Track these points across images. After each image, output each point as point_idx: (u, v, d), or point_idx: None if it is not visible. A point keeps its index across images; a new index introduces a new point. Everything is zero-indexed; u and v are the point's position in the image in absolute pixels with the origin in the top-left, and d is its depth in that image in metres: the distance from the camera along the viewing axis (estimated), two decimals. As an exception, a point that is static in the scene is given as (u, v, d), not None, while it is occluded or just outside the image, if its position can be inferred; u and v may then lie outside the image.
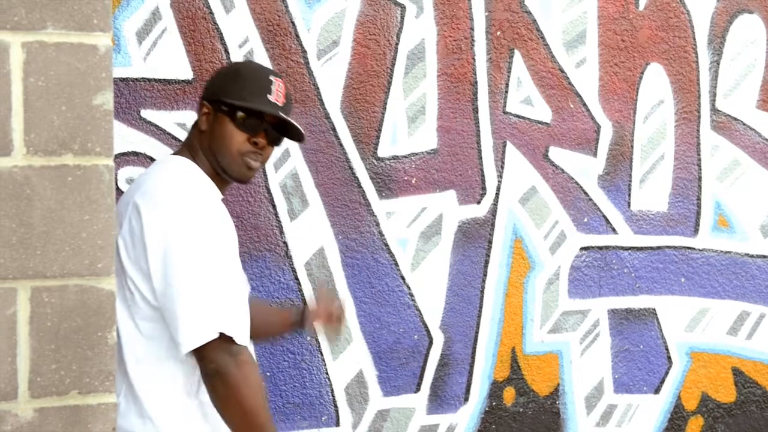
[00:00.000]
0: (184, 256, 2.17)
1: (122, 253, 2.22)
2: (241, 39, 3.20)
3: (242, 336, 2.21)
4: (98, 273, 1.84)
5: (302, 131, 2.47)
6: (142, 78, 3.09)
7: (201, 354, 2.17)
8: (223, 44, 3.17)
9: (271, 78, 2.43)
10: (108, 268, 1.85)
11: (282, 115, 2.40)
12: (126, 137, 3.06)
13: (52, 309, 1.82)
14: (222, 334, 2.16)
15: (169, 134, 3.13)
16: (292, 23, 3.26)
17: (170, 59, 3.10)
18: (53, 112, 1.84)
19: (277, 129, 2.43)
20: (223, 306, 2.19)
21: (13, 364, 1.80)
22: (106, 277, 1.85)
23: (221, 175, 2.39)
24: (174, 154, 2.49)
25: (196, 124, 2.45)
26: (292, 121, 2.43)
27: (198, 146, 2.40)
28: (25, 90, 1.82)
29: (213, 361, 2.15)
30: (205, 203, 2.28)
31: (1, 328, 1.80)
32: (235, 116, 2.36)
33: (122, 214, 2.27)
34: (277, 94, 2.40)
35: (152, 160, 3.10)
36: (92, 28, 1.86)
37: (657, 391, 3.78)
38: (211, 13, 3.15)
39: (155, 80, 3.10)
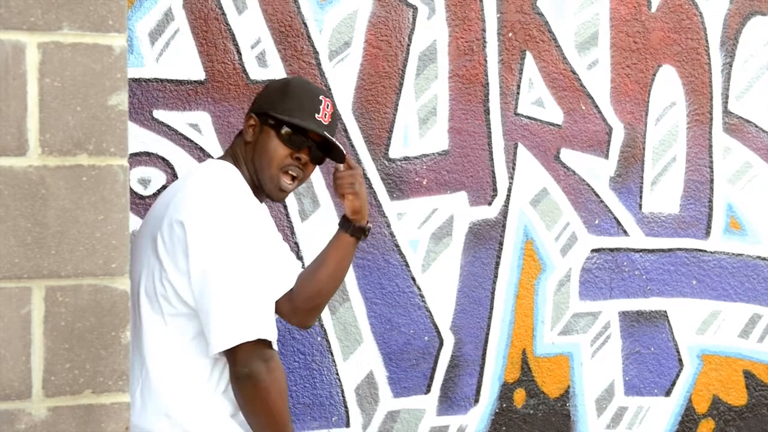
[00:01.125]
0: (225, 255, 2.20)
1: (160, 248, 2.24)
2: (254, 40, 3.20)
3: (274, 340, 2.24)
4: (112, 273, 1.85)
5: (344, 152, 2.50)
6: (155, 78, 3.10)
7: (234, 356, 2.19)
8: (236, 45, 3.18)
9: (321, 97, 2.47)
10: (122, 267, 1.86)
11: (327, 135, 2.45)
12: (138, 137, 3.07)
13: (66, 308, 1.83)
14: (258, 339, 2.18)
15: (181, 135, 3.14)
16: (304, 24, 3.26)
17: (183, 60, 3.11)
18: (68, 113, 1.85)
19: (320, 148, 2.46)
20: (260, 309, 2.21)
21: (27, 363, 1.81)
22: (120, 277, 1.85)
23: (258, 186, 2.43)
24: (218, 159, 2.52)
25: (241, 135, 2.49)
26: (335, 142, 2.47)
27: (241, 156, 2.45)
28: (41, 90, 1.83)
29: (246, 365, 2.18)
30: (247, 203, 2.31)
31: (15, 327, 1.81)
32: (281, 131, 2.40)
33: (163, 210, 2.29)
34: (323, 114, 2.44)
35: (164, 160, 3.12)
36: (107, 29, 1.87)
37: (668, 393, 3.78)
38: (224, 14, 3.16)
39: (168, 81, 3.11)
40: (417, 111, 3.41)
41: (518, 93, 3.53)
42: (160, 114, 3.10)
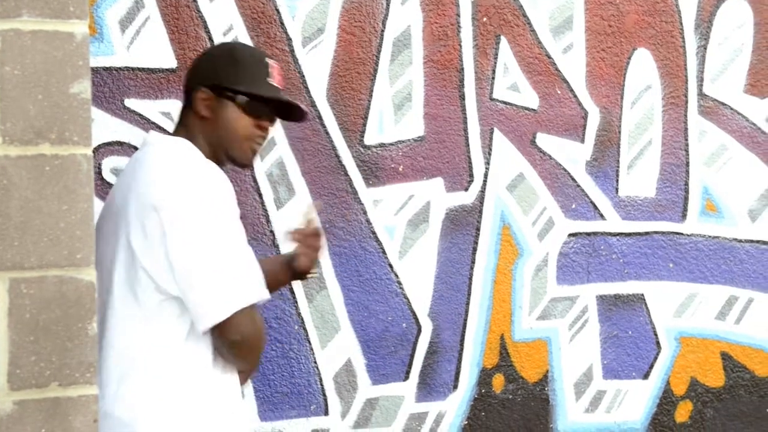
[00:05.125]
0: (204, 233, 2.17)
1: (132, 235, 2.19)
2: (226, 27, 3.16)
3: (260, 293, 2.23)
4: (77, 264, 1.81)
5: (305, 110, 2.46)
6: (126, 67, 3.06)
7: (223, 327, 2.17)
8: (207, 32, 3.14)
9: (267, 61, 2.41)
10: (87, 258, 1.82)
11: (287, 98, 2.42)
12: (110, 127, 3.03)
13: (31, 300, 1.79)
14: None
15: (153, 123, 3.09)
16: (277, 11, 3.23)
17: (154, 48, 3.07)
18: (29, 101, 1.80)
19: (279, 111, 2.43)
20: (244, 275, 2.19)
21: (-9, 356, 1.77)
22: (86, 268, 1.82)
23: (222, 160, 2.37)
24: (171, 135, 2.45)
25: (190, 110, 2.39)
26: (297, 103, 2.44)
27: (197, 132, 2.36)
28: (1, 79, 1.79)
29: (238, 332, 2.17)
30: (218, 182, 2.26)
31: (-22, 320, 1.77)
32: (241, 103, 2.34)
33: (125, 194, 2.24)
34: (276, 77, 2.40)
35: (137, 149, 3.06)
36: (68, 16, 1.83)
37: (646, 376, 3.77)
38: (195, 1, 3.11)
39: (139, 69, 3.07)
40: (392, 97, 3.38)
41: (493, 78, 3.50)
42: (131, 103, 3.06)
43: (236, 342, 2.19)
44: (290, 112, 2.46)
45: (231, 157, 2.37)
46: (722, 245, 3.86)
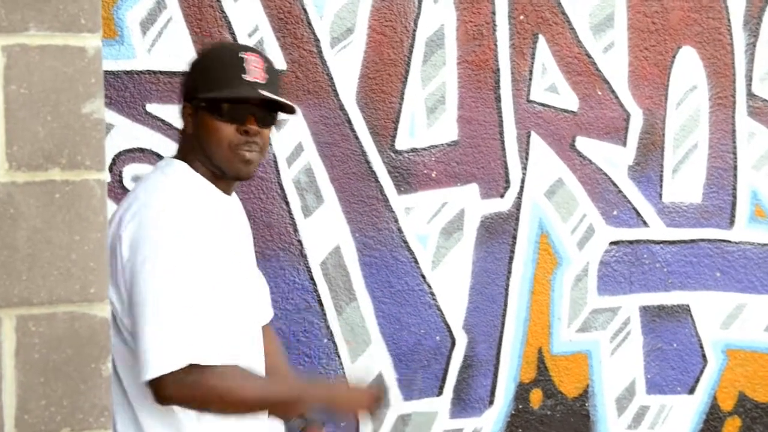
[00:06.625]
0: (161, 276, 2.00)
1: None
2: (251, 28, 3.07)
3: (215, 356, 2.02)
4: (90, 299, 1.68)
5: (290, 104, 2.25)
6: (147, 71, 2.96)
7: (166, 385, 2.00)
8: (232, 34, 3.04)
9: (242, 55, 2.18)
10: (101, 292, 1.69)
11: (264, 93, 2.17)
12: (131, 133, 2.94)
13: (40, 339, 1.66)
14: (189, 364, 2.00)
15: (176, 129, 2.97)
16: (304, 10, 3.13)
17: (176, 50, 2.96)
18: (38, 123, 1.67)
19: (266, 108, 2.20)
20: (196, 331, 2.01)
21: (-3, 400, 1.64)
22: (99, 303, 1.69)
23: (221, 176, 2.20)
24: (172, 157, 2.31)
25: (183, 129, 2.26)
26: (276, 97, 2.19)
27: (189, 150, 2.21)
28: (6, 98, 1.65)
29: (165, 394, 2.00)
30: (192, 216, 2.09)
31: (-16, 361, 1.64)
32: (217, 109, 2.15)
33: (115, 226, 2.11)
34: (253, 71, 2.16)
35: (159, 156, 2.98)
36: (79, 29, 1.69)
37: (691, 391, 3.67)
38: (219, 0, 3.02)
39: (161, 73, 2.97)
40: (424, 100, 3.28)
41: (531, 79, 3.40)
42: (153, 108, 2.97)
43: (167, 400, 2.01)
44: (280, 104, 2.21)
45: (223, 170, 2.18)
46: (772, 253, 3.78)
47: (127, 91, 2.92)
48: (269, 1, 3.07)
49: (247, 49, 2.27)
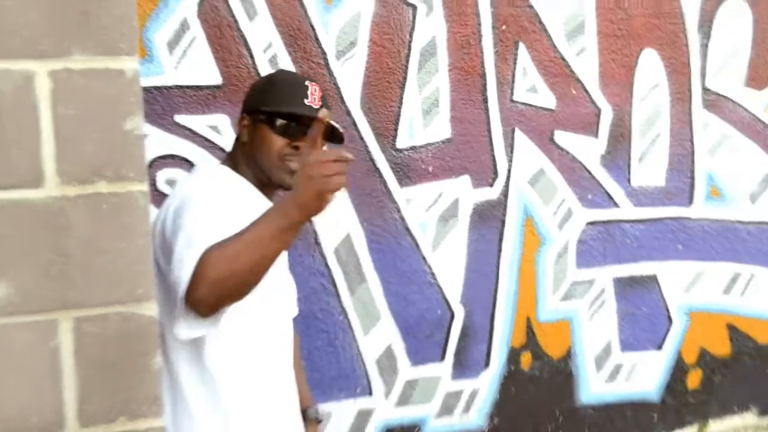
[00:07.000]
0: (196, 217, 1.89)
1: (161, 262, 1.94)
2: (265, 44, 2.94)
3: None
4: (138, 299, 1.56)
5: (341, 132, 2.18)
6: (175, 85, 2.84)
7: (195, 288, 1.81)
8: (249, 50, 2.91)
9: (306, 83, 2.15)
10: (147, 293, 1.57)
11: (317, 115, 2.07)
12: (163, 141, 2.83)
13: (95, 338, 1.54)
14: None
15: (202, 137, 2.88)
16: (312, 27, 3.00)
17: (200, 66, 2.85)
18: (84, 140, 1.54)
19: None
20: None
21: (59, 394, 1.53)
22: (147, 303, 1.57)
23: (266, 182, 2.11)
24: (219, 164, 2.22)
25: (237, 138, 2.18)
26: (333, 123, 2.13)
27: (240, 157, 2.13)
28: (55, 119, 1.53)
29: (203, 268, 1.79)
30: (233, 198, 1.99)
31: (45, 359, 1.52)
32: (274, 123, 2.09)
33: (158, 221, 2.00)
34: (312, 98, 2.12)
35: (187, 161, 2.87)
36: (118, 52, 1.56)
37: (660, 348, 3.59)
38: (236, 21, 2.89)
39: (187, 87, 2.85)
40: (420, 103, 3.17)
41: (513, 81, 3.29)
42: (181, 118, 2.85)
43: (204, 303, 1.80)
44: (332, 133, 2.15)
45: (269, 177, 2.09)
46: (726, 227, 3.67)
47: (158, 104, 2.81)
48: (281, 20, 2.96)
49: (310, 79, 2.23)
